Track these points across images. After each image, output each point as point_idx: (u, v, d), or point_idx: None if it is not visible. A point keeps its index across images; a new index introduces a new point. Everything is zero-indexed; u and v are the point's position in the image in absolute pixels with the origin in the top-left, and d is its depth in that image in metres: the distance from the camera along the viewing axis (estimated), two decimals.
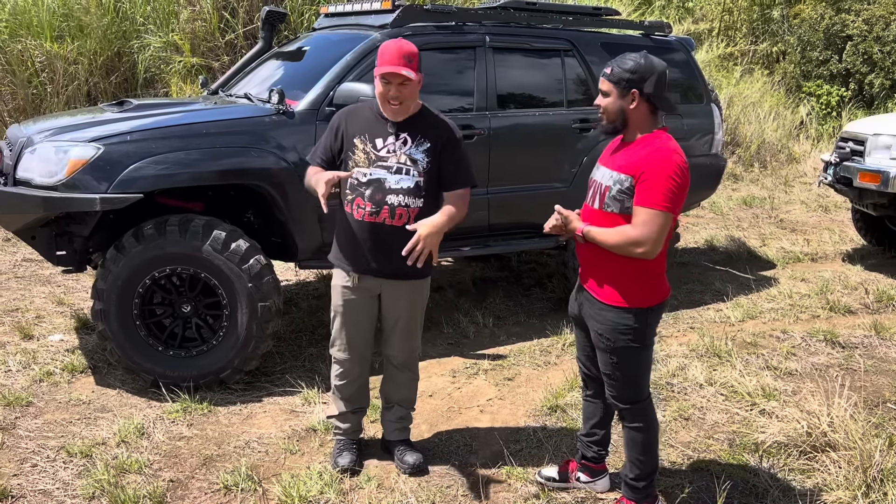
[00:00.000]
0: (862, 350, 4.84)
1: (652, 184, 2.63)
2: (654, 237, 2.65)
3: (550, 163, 5.13)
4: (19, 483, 3.21)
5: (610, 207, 2.76)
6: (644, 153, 2.70)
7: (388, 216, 3.08)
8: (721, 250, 7.43)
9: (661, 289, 2.85)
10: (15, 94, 8.24)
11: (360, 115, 3.18)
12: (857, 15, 14.50)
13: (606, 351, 2.85)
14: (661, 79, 2.72)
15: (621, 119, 2.77)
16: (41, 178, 3.84)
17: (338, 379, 3.37)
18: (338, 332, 3.31)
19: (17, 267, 6.21)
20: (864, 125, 6.86)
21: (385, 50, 2.99)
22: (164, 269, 3.93)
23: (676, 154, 2.69)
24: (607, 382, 2.94)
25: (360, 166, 3.09)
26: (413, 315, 3.31)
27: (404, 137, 3.10)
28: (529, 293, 5.94)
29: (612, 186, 2.75)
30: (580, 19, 5.48)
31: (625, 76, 2.71)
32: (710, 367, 4.42)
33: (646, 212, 2.64)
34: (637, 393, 2.91)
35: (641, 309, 2.79)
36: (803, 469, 3.39)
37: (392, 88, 3.00)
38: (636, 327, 2.79)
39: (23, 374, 4.22)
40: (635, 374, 2.88)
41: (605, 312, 2.82)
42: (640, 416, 2.92)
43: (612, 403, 2.97)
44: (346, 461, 3.34)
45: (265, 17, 5.55)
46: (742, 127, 11.79)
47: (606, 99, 2.77)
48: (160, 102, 5.42)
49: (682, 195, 2.68)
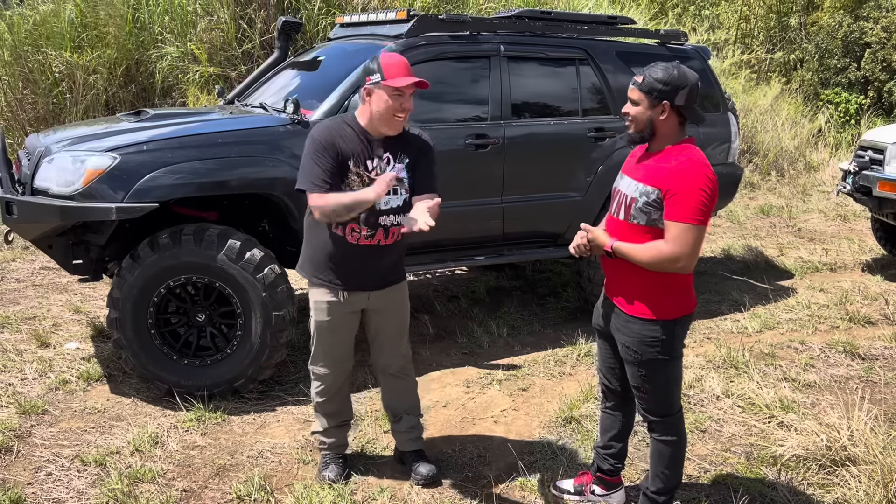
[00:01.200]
0: (882, 362, 4.77)
1: (683, 198, 2.59)
2: (689, 251, 2.61)
3: (565, 172, 5.11)
4: (34, 492, 3.22)
5: (636, 219, 2.72)
6: (672, 166, 2.65)
7: (383, 237, 3.07)
8: (738, 260, 7.37)
9: (688, 300, 2.82)
10: (35, 104, 8.35)
11: (347, 136, 3.02)
12: (875, 22, 14.37)
13: (634, 364, 2.82)
14: (693, 91, 2.68)
15: (650, 129, 2.72)
16: (58, 188, 3.87)
17: (320, 395, 3.33)
18: (322, 348, 3.25)
19: (35, 275, 6.26)
20: (884, 133, 6.77)
21: (390, 62, 2.95)
22: (178, 278, 3.95)
23: (705, 166, 2.64)
24: (637, 396, 2.89)
25: (354, 190, 2.98)
26: (402, 319, 3.32)
27: (387, 157, 3.06)
28: (544, 303, 5.91)
29: (638, 198, 2.70)
30: (595, 28, 5.46)
31: (657, 86, 2.66)
32: (728, 379, 4.37)
33: (678, 226, 2.60)
34: (668, 406, 2.86)
35: (668, 321, 2.75)
36: (822, 483, 3.33)
37: (404, 101, 2.97)
38: (664, 339, 2.75)
39: (39, 381, 4.25)
40: (665, 386, 2.83)
41: (632, 325, 2.79)
42: (670, 430, 2.88)
43: (642, 416, 2.93)
44: (332, 474, 3.32)
45: (281, 28, 5.58)
46: (759, 135, 11.70)
47: (636, 108, 2.72)
48: (176, 112, 5.46)
49: (712, 207, 2.64)
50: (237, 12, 8.91)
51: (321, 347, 3.26)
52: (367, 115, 3.02)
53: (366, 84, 2.99)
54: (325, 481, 3.29)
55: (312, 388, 3.36)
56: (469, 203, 4.75)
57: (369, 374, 4.42)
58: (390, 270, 3.18)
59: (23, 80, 8.38)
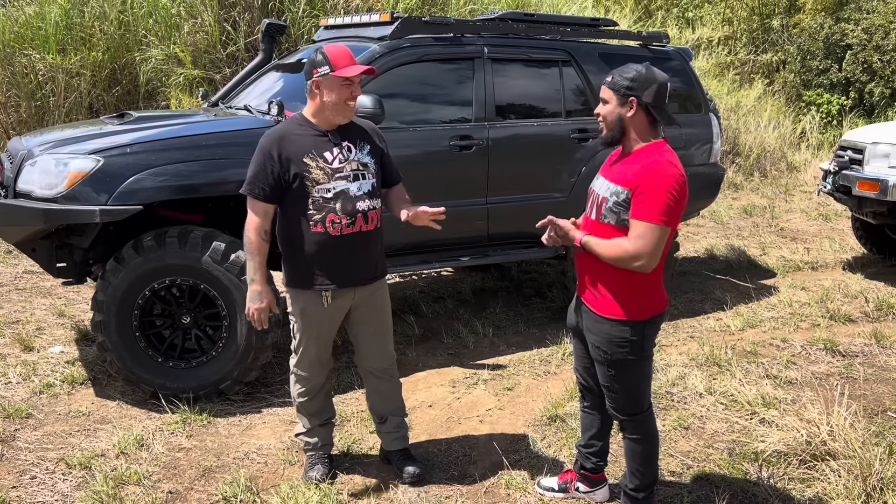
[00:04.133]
0: (862, 358, 4.83)
1: (648, 197, 2.62)
2: (650, 251, 2.64)
3: (549, 173, 5.14)
4: (18, 495, 3.21)
5: (606, 219, 2.76)
6: (641, 165, 2.68)
7: (363, 223, 3.12)
8: (721, 259, 7.44)
9: (658, 300, 2.84)
10: (19, 107, 8.29)
11: (294, 136, 3.09)
12: (856, 24, 14.54)
13: (604, 363, 2.85)
14: (661, 90, 2.71)
15: (619, 128, 2.76)
16: (41, 191, 3.86)
17: (302, 396, 3.34)
18: (305, 350, 3.25)
19: (19, 279, 6.23)
20: (863, 134, 6.86)
21: (336, 53, 3.05)
22: (163, 280, 3.95)
23: (674, 167, 2.67)
24: (607, 394, 2.93)
25: (322, 183, 3.04)
26: (385, 318, 3.34)
27: (347, 145, 3.13)
28: (529, 303, 5.95)
29: (608, 198, 2.74)
30: (578, 30, 5.50)
31: (624, 84, 2.71)
32: (710, 376, 4.42)
33: (642, 225, 2.64)
34: (637, 405, 2.90)
35: (639, 321, 2.77)
36: (803, 478, 3.38)
37: (354, 88, 3.07)
38: (633, 339, 2.77)
39: (23, 385, 4.23)
40: (634, 385, 2.87)
41: (602, 325, 2.81)
42: (640, 428, 2.91)
43: (612, 415, 2.97)
44: (318, 474, 3.33)
45: (265, 30, 5.59)
46: (742, 136, 11.80)
47: (606, 107, 2.77)
48: (160, 115, 5.45)
49: (679, 209, 2.66)
50: (221, 15, 8.89)
51: (306, 353, 3.26)
52: (319, 108, 3.09)
53: (313, 77, 3.06)
54: (311, 481, 3.30)
55: (294, 390, 3.36)
56: (454, 204, 4.73)
57: (355, 375, 4.43)
58: (376, 261, 3.25)
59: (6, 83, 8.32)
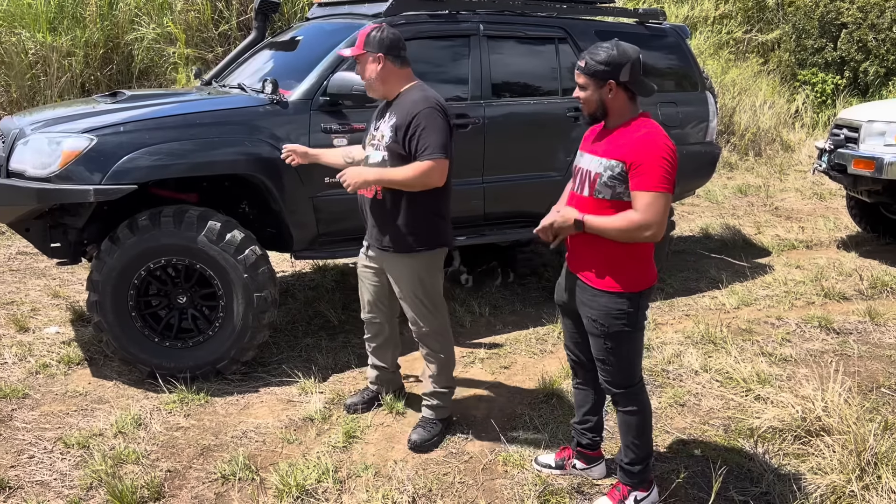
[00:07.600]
0: (856, 336, 4.86)
1: (648, 168, 2.67)
2: (659, 219, 2.68)
3: (545, 151, 5.12)
4: (17, 474, 3.22)
5: (601, 194, 2.77)
6: (633, 139, 2.73)
7: (366, 190, 3.36)
8: (716, 238, 7.45)
9: (650, 272, 2.90)
10: (9, 87, 8.21)
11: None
12: (851, 3, 14.46)
13: (601, 336, 2.87)
14: (635, 65, 2.75)
15: (602, 109, 2.81)
16: (34, 170, 3.83)
17: (365, 339, 3.77)
18: (361, 297, 3.69)
19: (12, 260, 6.20)
20: (859, 112, 6.85)
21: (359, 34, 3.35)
22: (159, 260, 3.93)
23: (665, 137, 2.75)
24: (601, 368, 2.95)
25: (367, 148, 3.43)
26: (405, 291, 3.47)
27: (387, 117, 3.34)
28: (525, 282, 5.95)
29: (602, 173, 2.76)
30: (574, 7, 5.46)
31: (599, 68, 2.74)
32: (706, 354, 4.44)
33: (647, 195, 2.67)
34: (630, 377, 2.93)
35: (634, 293, 2.82)
36: (798, 453, 3.41)
37: (359, 67, 3.37)
38: (630, 311, 2.81)
39: (19, 366, 4.22)
40: (628, 358, 2.90)
41: (599, 298, 2.84)
42: (633, 400, 2.95)
43: (605, 388, 2.99)
44: (349, 401, 3.83)
45: (258, 7, 5.53)
46: (737, 115, 11.78)
47: (584, 92, 2.81)
48: (153, 93, 5.39)
49: (674, 175, 2.73)
50: None
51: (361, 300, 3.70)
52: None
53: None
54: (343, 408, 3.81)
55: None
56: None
57: (352, 354, 4.44)
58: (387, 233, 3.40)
59: None
